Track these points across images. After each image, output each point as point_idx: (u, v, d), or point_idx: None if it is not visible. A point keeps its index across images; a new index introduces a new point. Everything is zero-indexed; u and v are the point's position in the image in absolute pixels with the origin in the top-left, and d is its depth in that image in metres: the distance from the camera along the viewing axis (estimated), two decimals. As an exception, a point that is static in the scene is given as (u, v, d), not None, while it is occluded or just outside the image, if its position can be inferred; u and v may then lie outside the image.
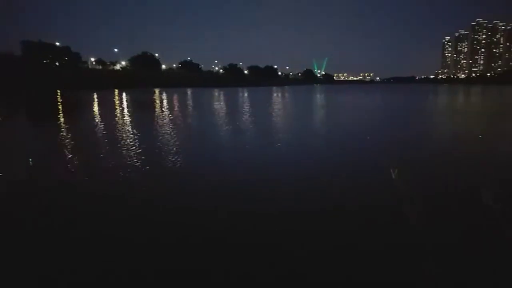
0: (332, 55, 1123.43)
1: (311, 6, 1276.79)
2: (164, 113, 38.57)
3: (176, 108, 46.03)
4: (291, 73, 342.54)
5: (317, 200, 10.33)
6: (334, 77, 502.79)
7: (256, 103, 62.20)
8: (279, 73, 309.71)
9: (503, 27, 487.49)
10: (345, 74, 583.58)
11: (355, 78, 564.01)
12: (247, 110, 45.05)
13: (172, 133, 23.55)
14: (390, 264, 6.68)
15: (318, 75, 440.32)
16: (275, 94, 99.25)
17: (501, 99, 74.52)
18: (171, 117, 33.99)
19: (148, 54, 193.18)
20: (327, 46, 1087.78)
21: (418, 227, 8.23)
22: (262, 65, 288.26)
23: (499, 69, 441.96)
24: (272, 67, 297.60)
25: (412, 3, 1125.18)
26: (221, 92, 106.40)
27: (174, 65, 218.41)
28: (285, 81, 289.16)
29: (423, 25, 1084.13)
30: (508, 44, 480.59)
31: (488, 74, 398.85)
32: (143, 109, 45.61)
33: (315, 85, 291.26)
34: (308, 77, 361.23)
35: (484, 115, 39.37)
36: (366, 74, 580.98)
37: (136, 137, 21.68)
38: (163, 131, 24.59)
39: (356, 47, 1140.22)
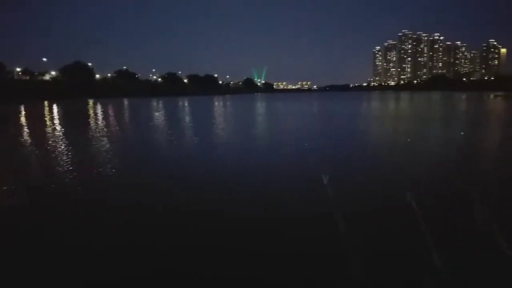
0: (271, 64, 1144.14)
1: (249, 14, 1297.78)
2: (97, 129, 36.45)
3: (110, 122, 43.81)
4: (231, 82, 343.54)
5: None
6: (274, 86, 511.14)
7: (200, 117, 61.07)
8: (220, 82, 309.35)
9: (426, 38, 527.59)
10: (284, 83, 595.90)
11: (294, 87, 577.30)
12: (190, 124, 44.03)
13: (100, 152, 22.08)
14: None
15: (259, 83, 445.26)
16: (216, 103, 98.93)
17: (426, 105, 79.94)
18: (104, 135, 32.13)
19: (81, 63, 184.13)
20: (267, 55, 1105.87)
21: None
22: (202, 74, 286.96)
23: (424, 77, 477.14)
24: (212, 76, 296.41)
25: (345, 14, 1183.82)
26: (160, 102, 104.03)
27: (109, 75, 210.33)
28: (226, 90, 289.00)
29: (356, 36, 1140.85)
30: (431, 53, 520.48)
31: (415, 81, 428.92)
32: (71, 126, 42.81)
33: (255, 94, 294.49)
34: (249, 86, 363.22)
35: (413, 120, 41.76)
36: (304, 83, 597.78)
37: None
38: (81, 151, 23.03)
39: (294, 56, 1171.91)
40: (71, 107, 78.54)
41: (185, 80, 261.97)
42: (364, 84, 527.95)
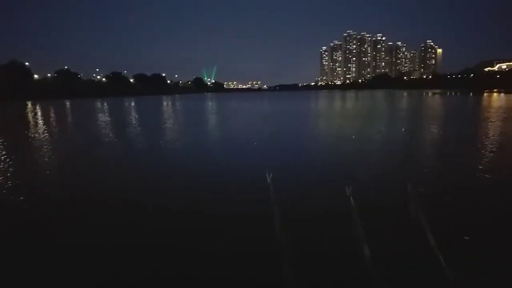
0: (221, 63, 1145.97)
1: (198, 14, 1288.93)
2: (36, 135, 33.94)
3: (51, 128, 41.11)
4: (180, 81, 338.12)
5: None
6: (224, 86, 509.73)
7: (150, 121, 59.03)
8: (168, 81, 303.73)
9: (369, 38, 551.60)
10: (234, 82, 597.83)
11: (244, 86, 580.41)
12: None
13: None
14: None
15: (209, 83, 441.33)
16: (165, 103, 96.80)
17: (371, 103, 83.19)
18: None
19: (17, 62, 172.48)
20: (217, 54, 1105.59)
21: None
22: (149, 73, 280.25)
23: (368, 76, 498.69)
24: (160, 75, 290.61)
25: (292, 15, 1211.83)
26: (104, 104, 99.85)
27: (49, 75, 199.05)
28: (174, 89, 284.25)
29: (303, 36, 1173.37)
30: (374, 53, 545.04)
31: (360, 80, 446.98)
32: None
33: (206, 93, 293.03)
34: (199, 86, 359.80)
35: (358, 118, 43.01)
36: (254, 82, 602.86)
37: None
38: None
39: (243, 56, 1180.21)
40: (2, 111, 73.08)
41: (131, 80, 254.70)
42: (312, 84, 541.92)
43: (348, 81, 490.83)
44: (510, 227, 8.79)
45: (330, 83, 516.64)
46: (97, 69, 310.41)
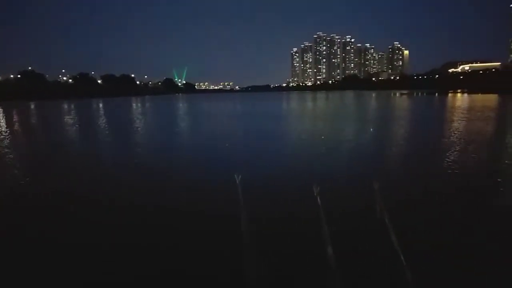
0: (192, 64, 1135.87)
1: (168, 13, 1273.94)
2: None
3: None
4: (150, 82, 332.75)
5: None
6: (196, 86, 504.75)
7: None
8: (137, 82, 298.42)
9: (338, 40, 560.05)
10: (206, 83, 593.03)
11: (216, 87, 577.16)
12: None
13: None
14: None
15: (179, 84, 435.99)
16: (134, 105, 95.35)
17: (341, 104, 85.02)
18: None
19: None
20: (187, 55, 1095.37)
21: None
22: (117, 74, 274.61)
23: (338, 77, 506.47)
24: (129, 76, 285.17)
25: (263, 17, 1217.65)
26: (72, 106, 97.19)
27: (12, 76, 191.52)
28: (144, 90, 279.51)
29: (274, 38, 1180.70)
30: (344, 55, 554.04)
31: (330, 82, 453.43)
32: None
33: (177, 94, 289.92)
34: (169, 87, 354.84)
35: (327, 119, 43.84)
36: (226, 83, 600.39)
37: None
38: None
39: (215, 57, 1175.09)
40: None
41: (99, 81, 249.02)
42: (284, 85, 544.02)
43: (318, 82, 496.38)
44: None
45: (301, 84, 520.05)
46: (63, 70, 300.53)
